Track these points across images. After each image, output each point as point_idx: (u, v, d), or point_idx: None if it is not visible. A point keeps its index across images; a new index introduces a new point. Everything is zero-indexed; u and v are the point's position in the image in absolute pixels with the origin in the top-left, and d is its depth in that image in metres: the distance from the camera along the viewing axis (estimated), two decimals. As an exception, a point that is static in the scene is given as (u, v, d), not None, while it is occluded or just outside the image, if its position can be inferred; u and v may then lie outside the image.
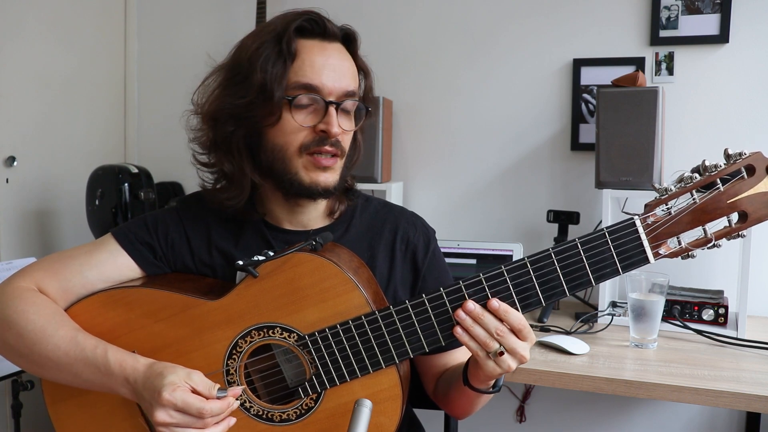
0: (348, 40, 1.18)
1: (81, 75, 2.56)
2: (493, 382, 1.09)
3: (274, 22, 1.15)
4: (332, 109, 1.11)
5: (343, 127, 1.14)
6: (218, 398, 1.00)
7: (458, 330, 1.01)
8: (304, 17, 1.13)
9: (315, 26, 1.13)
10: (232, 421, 1.03)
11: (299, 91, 1.10)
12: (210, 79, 1.19)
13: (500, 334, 0.99)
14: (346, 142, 1.17)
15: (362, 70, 1.21)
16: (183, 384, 0.98)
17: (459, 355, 1.25)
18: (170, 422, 0.98)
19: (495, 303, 1.00)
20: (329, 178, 1.15)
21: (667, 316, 1.91)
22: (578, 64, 2.27)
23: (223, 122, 1.14)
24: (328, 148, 1.13)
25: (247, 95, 1.11)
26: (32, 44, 2.32)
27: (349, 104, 1.15)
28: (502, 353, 0.99)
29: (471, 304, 1.01)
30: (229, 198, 1.17)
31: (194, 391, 0.99)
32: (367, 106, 1.20)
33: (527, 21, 2.33)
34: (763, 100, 2.11)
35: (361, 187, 2.14)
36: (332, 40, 1.15)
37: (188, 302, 1.10)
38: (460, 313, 1.01)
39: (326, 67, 1.11)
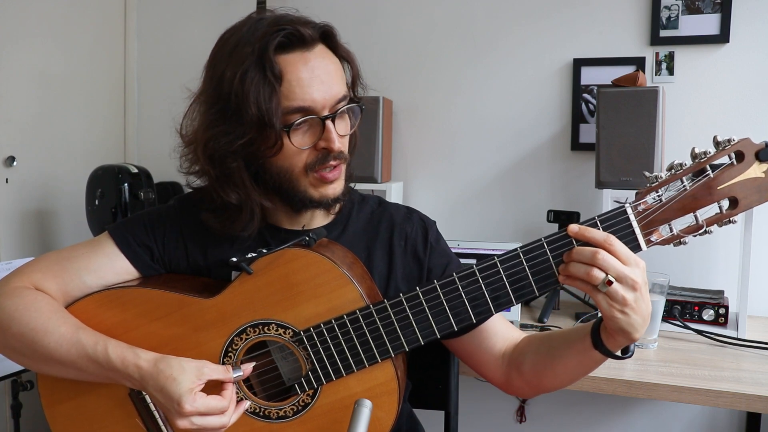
0: (327, 37, 1.13)
1: (81, 75, 2.56)
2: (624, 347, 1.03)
3: (248, 39, 1.07)
4: (329, 124, 1.09)
5: (341, 134, 1.12)
6: (235, 378, 1.04)
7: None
8: (281, 33, 1.05)
9: (293, 39, 1.07)
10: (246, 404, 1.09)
11: (294, 116, 1.07)
12: (194, 107, 1.16)
13: (598, 260, 0.94)
14: (345, 145, 1.15)
15: (346, 59, 1.16)
16: (198, 386, 1.01)
17: (496, 325, 1.20)
18: (194, 428, 1.00)
19: (575, 227, 0.97)
20: (337, 187, 1.15)
21: (668, 316, 1.91)
22: (578, 63, 2.27)
23: (222, 159, 1.10)
24: (332, 162, 1.11)
25: (245, 133, 1.06)
26: (32, 44, 2.32)
27: (345, 108, 1.13)
28: (610, 282, 0.94)
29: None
30: (243, 228, 1.15)
31: (209, 383, 1.02)
32: (361, 105, 1.17)
33: (527, 21, 2.33)
34: (764, 100, 2.10)
35: (361, 187, 2.16)
36: (312, 45, 1.09)
37: (183, 301, 1.10)
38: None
39: (314, 81, 1.07)
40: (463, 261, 1.29)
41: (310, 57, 1.08)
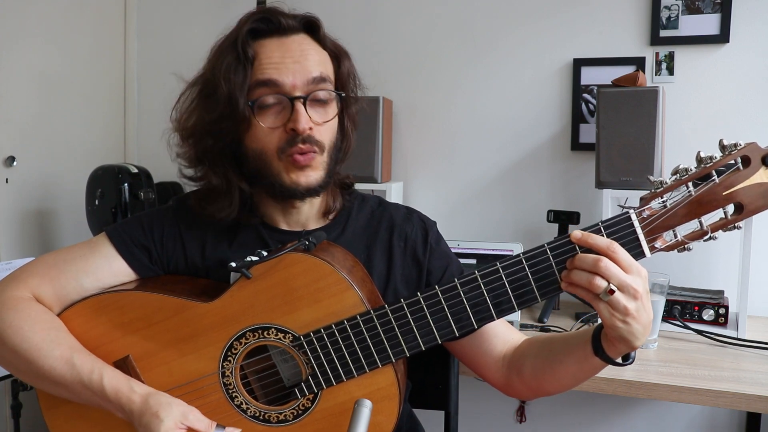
0: (310, 28, 1.13)
1: (81, 75, 2.56)
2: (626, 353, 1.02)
3: (233, 29, 1.13)
4: (298, 105, 1.07)
5: (315, 120, 1.10)
6: None
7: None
8: (255, 17, 1.10)
9: (269, 24, 1.10)
10: None
11: (259, 90, 1.08)
12: (185, 94, 1.18)
13: (600, 268, 0.93)
14: (323, 135, 1.12)
15: (335, 54, 1.16)
16: (179, 428, 1.01)
17: (496, 328, 1.20)
18: None
19: (578, 234, 0.96)
20: (311, 176, 1.12)
21: (668, 316, 1.91)
22: (578, 63, 2.27)
23: (201, 137, 1.13)
24: (300, 146, 1.09)
25: (216, 108, 1.09)
26: (32, 44, 2.32)
27: (322, 93, 1.11)
28: (612, 291, 0.92)
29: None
30: (219, 210, 1.15)
31: (191, 431, 1.03)
32: (340, 92, 1.15)
33: (528, 21, 2.33)
34: (764, 100, 2.10)
35: (361, 187, 2.16)
36: (291, 33, 1.11)
37: (182, 305, 1.09)
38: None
39: (286, 60, 1.08)
40: (463, 261, 1.29)
41: (286, 41, 1.11)
